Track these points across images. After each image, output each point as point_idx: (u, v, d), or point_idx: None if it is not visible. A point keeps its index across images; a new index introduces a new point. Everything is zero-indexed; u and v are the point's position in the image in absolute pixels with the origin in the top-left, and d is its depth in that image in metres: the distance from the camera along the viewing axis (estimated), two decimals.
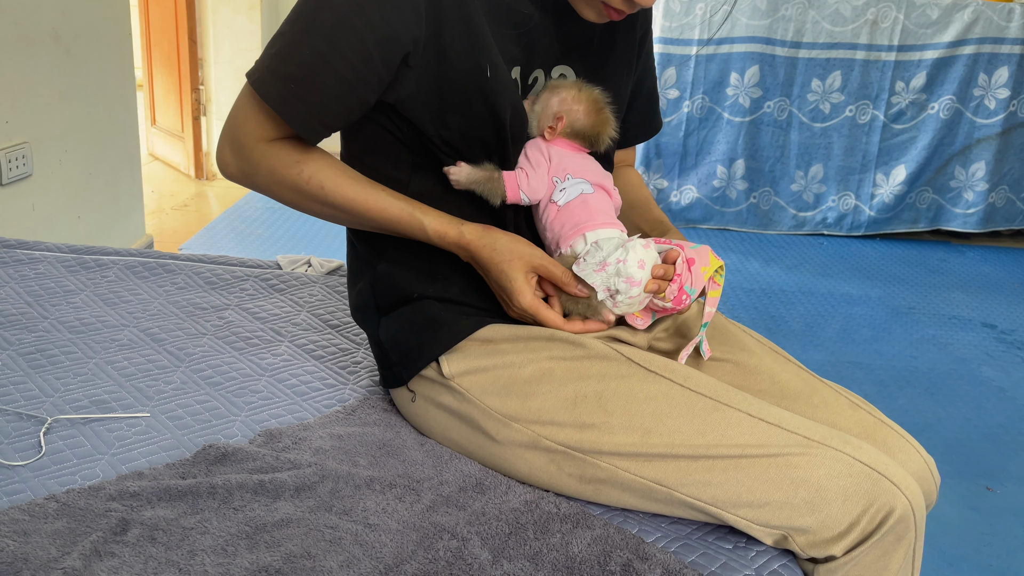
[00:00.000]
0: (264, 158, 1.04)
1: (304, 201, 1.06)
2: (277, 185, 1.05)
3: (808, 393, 1.07)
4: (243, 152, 1.04)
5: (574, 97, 1.05)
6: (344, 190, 1.04)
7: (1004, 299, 3.15)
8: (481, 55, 0.99)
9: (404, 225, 1.04)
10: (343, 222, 1.09)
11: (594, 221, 1.03)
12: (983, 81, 3.47)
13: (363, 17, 0.96)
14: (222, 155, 1.07)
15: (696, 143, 3.65)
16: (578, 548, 0.89)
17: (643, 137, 1.30)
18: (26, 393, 1.14)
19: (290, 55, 0.99)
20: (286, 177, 1.04)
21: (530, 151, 1.06)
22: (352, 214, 1.05)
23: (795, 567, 0.94)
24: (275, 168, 1.04)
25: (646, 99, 1.27)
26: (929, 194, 3.63)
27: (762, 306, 2.97)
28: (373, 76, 0.98)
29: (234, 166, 1.06)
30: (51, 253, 1.59)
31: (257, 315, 1.42)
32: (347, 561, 0.86)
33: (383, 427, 1.11)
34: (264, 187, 1.06)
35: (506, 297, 1.05)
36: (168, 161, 4.23)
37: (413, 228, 1.04)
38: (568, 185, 1.04)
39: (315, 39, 0.97)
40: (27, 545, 0.83)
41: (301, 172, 1.03)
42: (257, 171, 1.05)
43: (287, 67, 0.99)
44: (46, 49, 2.34)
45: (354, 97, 1.00)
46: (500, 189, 1.03)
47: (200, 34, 3.91)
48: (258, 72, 1.01)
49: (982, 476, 2.04)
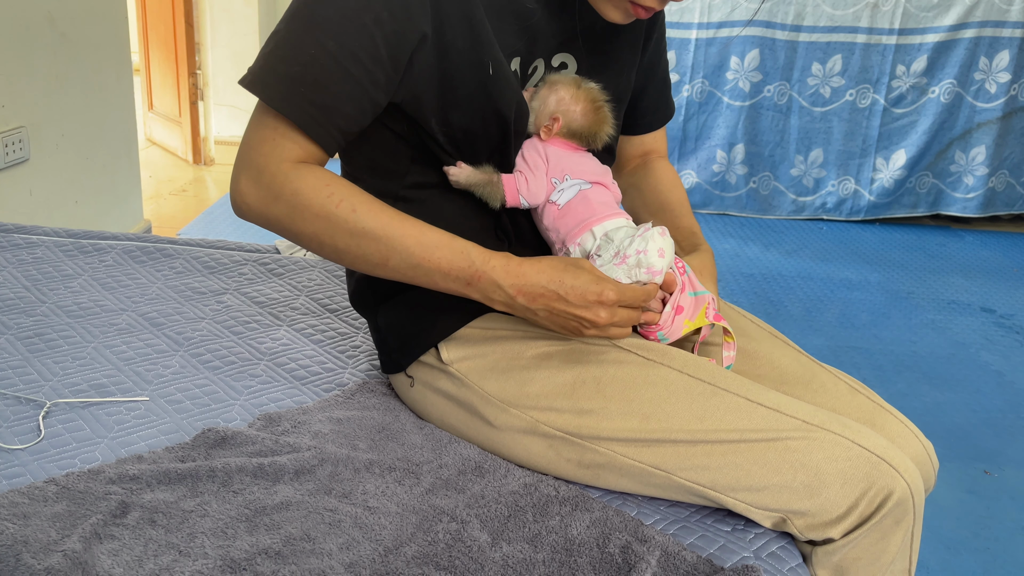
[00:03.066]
0: (288, 180, 0.94)
1: (329, 230, 0.94)
2: (301, 211, 0.94)
3: (807, 378, 1.07)
4: (263, 177, 0.94)
5: (572, 96, 1.03)
6: (378, 213, 0.94)
7: (1003, 284, 3.15)
8: (483, 52, 0.97)
9: (443, 252, 0.94)
10: (368, 258, 0.96)
11: (598, 215, 1.02)
12: (984, 65, 3.45)
13: (371, 13, 0.91)
14: (237, 185, 0.96)
15: (696, 127, 3.64)
16: (577, 530, 0.89)
17: (658, 123, 1.26)
18: (25, 377, 1.14)
19: (294, 55, 0.92)
20: (313, 201, 0.93)
21: (527, 152, 1.05)
22: (385, 243, 0.94)
23: (793, 549, 0.94)
24: (300, 190, 0.94)
25: (660, 83, 1.24)
26: (929, 179, 3.62)
27: (761, 291, 2.97)
28: (383, 75, 0.93)
29: (252, 194, 0.95)
30: (49, 238, 1.58)
31: (256, 299, 1.41)
32: (347, 543, 0.86)
33: (382, 411, 1.11)
34: (284, 215, 0.95)
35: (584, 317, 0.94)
36: (166, 146, 4.21)
37: (455, 257, 0.94)
38: (566, 186, 1.03)
39: (321, 37, 0.91)
40: (27, 528, 0.84)
41: (332, 194, 0.93)
42: (279, 196, 0.94)
43: (291, 68, 0.92)
44: (42, 33, 2.32)
45: (367, 99, 0.94)
46: (499, 193, 1.02)
47: (197, 18, 3.89)
48: (258, 75, 0.94)
49: (980, 460, 2.05)
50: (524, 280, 0.94)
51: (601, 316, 0.93)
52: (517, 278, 0.94)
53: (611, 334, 0.95)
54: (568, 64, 1.08)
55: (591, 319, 0.93)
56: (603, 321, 0.93)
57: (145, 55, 4.17)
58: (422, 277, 0.96)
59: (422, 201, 1.05)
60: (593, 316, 0.93)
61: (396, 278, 0.97)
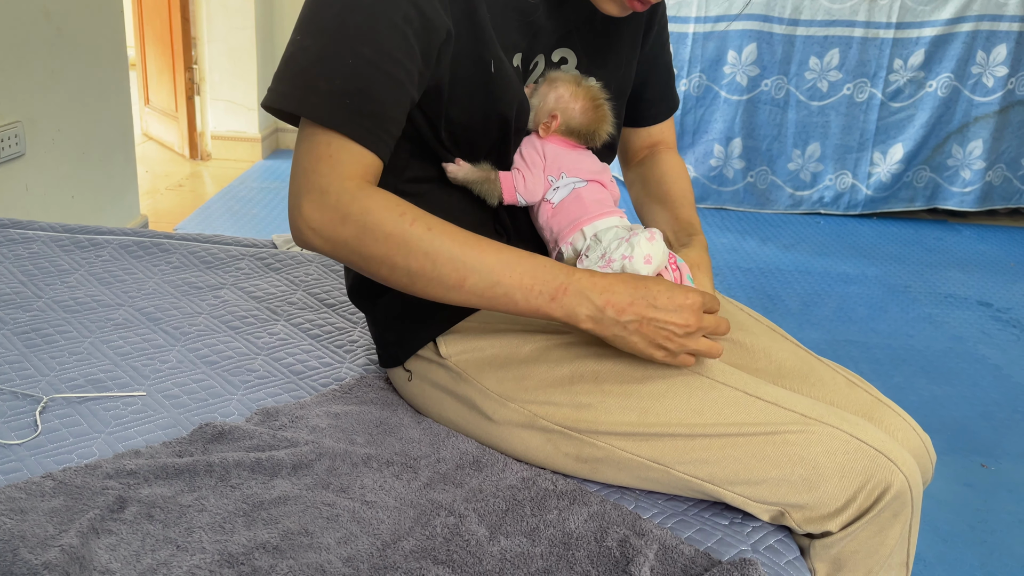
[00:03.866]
0: (356, 199, 0.89)
1: (403, 250, 0.89)
2: (372, 230, 0.89)
3: (805, 372, 1.07)
4: (327, 198, 0.89)
5: (572, 94, 1.03)
6: (454, 233, 0.90)
7: (1000, 277, 3.16)
8: (485, 50, 0.97)
9: (524, 267, 0.90)
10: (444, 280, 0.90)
11: (589, 214, 1.02)
12: (981, 59, 3.45)
13: (399, 12, 0.90)
14: (299, 212, 0.91)
15: (693, 122, 3.64)
16: (575, 524, 0.90)
17: (663, 115, 1.26)
18: (21, 372, 1.14)
19: (333, 69, 0.89)
20: (385, 219, 0.89)
21: (525, 149, 1.05)
22: (463, 262, 0.90)
23: (791, 542, 0.94)
24: (370, 209, 0.89)
25: (664, 74, 1.24)
26: (926, 173, 3.62)
27: (759, 285, 2.97)
28: (418, 71, 0.92)
29: (317, 218, 0.90)
30: (45, 232, 1.58)
31: (253, 294, 1.41)
32: (345, 538, 0.86)
33: (380, 405, 1.11)
34: (353, 237, 0.90)
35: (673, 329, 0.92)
36: (162, 141, 4.20)
37: (538, 271, 0.90)
38: (561, 184, 1.03)
39: (356, 46, 0.89)
40: (24, 523, 0.83)
41: (404, 213, 0.90)
42: (347, 216, 0.89)
43: (333, 83, 0.89)
44: (37, 28, 2.32)
45: (408, 99, 0.93)
46: (497, 190, 1.02)
47: (193, 12, 3.88)
48: (298, 96, 0.91)
49: (977, 453, 2.05)
50: (612, 292, 0.91)
51: (691, 321, 0.91)
52: (604, 290, 0.91)
53: (700, 347, 0.93)
54: (568, 59, 1.08)
55: (682, 323, 0.91)
56: (694, 323, 0.91)
57: (141, 50, 4.15)
58: (501, 298, 0.91)
59: (421, 195, 1.05)
60: (685, 320, 0.91)
61: (470, 302, 0.93)
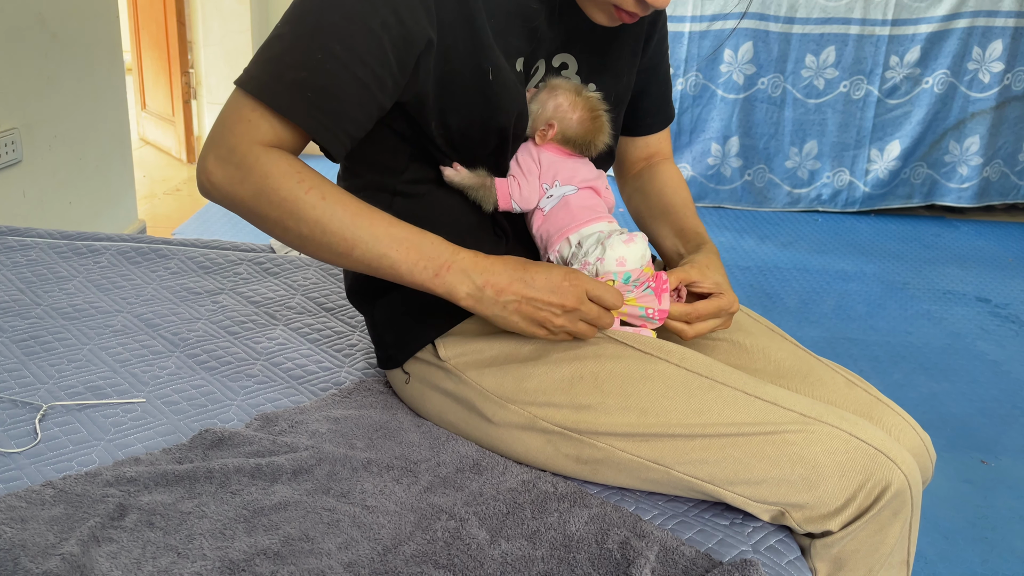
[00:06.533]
0: (259, 163, 0.92)
1: (294, 215, 0.92)
2: (267, 194, 0.92)
3: (804, 371, 1.07)
4: (233, 156, 0.92)
5: (571, 104, 1.03)
6: (347, 203, 0.92)
7: (998, 273, 3.16)
8: (483, 57, 0.97)
9: (411, 242, 0.93)
10: (333, 247, 0.93)
11: (577, 221, 1.03)
12: (977, 55, 3.45)
13: (377, 17, 0.90)
14: (204, 164, 0.94)
15: (690, 121, 3.64)
16: (575, 527, 0.90)
17: (659, 125, 1.25)
18: (20, 380, 1.13)
19: (300, 61, 0.91)
20: (281, 184, 0.91)
21: (521, 156, 1.05)
22: (352, 232, 0.92)
23: (791, 542, 0.95)
24: (270, 174, 0.91)
25: (662, 85, 1.23)
26: (923, 169, 3.62)
27: (757, 283, 2.97)
28: (391, 79, 0.93)
29: (218, 173, 0.93)
30: (43, 239, 1.58)
31: (251, 299, 1.41)
32: (345, 543, 0.86)
33: (380, 409, 1.11)
34: (249, 197, 0.92)
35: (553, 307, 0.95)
36: (159, 145, 4.20)
37: (424, 247, 0.93)
38: (555, 192, 1.04)
39: (328, 42, 0.90)
40: (24, 532, 0.83)
41: (302, 180, 0.92)
42: (247, 177, 0.92)
43: (298, 74, 0.90)
44: (32, 33, 2.31)
45: (374, 104, 0.93)
46: (492, 197, 1.03)
47: (189, 16, 3.87)
48: (262, 81, 0.92)
49: (977, 449, 2.05)
50: (492, 272, 0.94)
51: (567, 302, 0.93)
52: (485, 271, 0.94)
53: (579, 329, 0.96)
54: (568, 64, 1.08)
55: (558, 303, 0.93)
56: (571, 304, 0.93)
57: (137, 54, 4.15)
58: (387, 269, 0.94)
59: (420, 196, 1.05)
60: (561, 301, 0.93)
61: (359, 269, 0.95)
